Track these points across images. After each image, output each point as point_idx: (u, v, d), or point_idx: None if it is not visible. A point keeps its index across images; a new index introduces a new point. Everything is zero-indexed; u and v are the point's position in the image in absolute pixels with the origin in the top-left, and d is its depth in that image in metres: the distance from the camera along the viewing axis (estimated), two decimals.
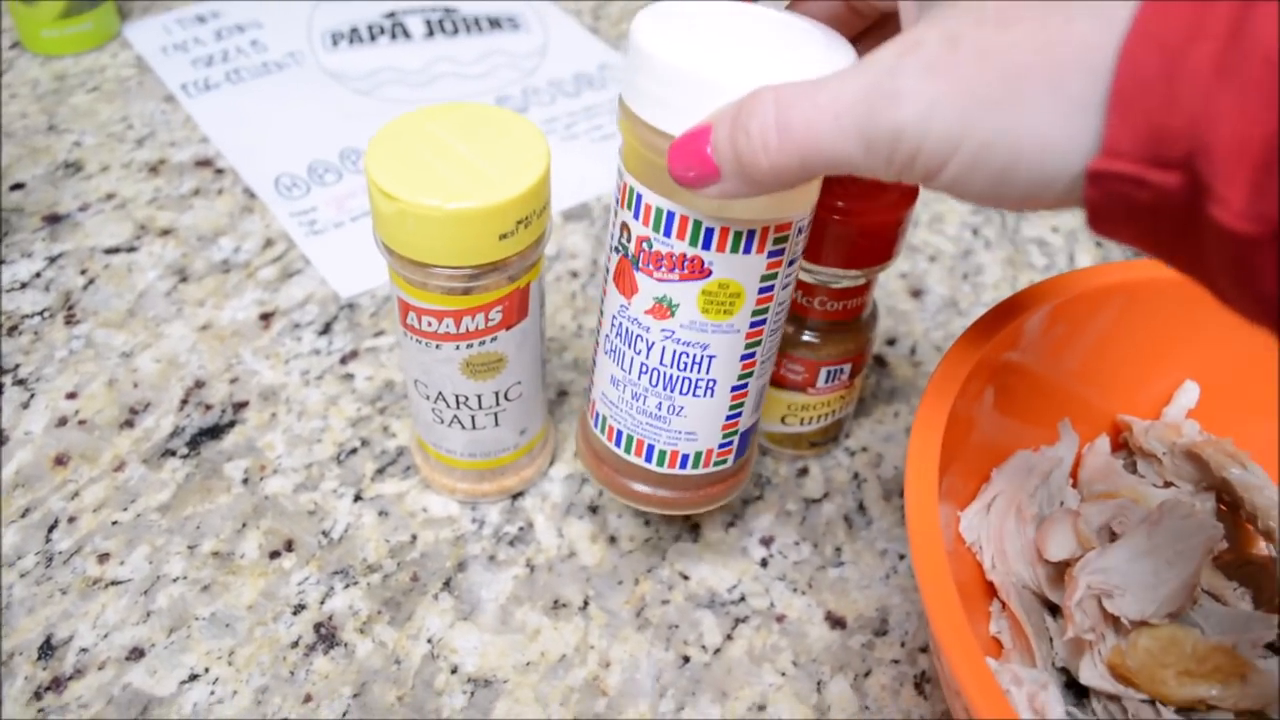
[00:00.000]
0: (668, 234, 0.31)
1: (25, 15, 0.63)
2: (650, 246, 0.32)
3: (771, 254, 0.32)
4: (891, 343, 0.52)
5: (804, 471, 0.46)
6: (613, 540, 0.42)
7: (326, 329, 0.50)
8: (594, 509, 0.43)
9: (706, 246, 0.31)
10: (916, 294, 0.54)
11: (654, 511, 0.38)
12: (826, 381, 0.42)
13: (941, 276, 0.56)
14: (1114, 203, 0.22)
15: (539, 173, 0.33)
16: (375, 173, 0.32)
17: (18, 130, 0.60)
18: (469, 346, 0.36)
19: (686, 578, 0.41)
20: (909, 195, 0.38)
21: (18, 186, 0.56)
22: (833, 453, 0.46)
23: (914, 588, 0.41)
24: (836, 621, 0.40)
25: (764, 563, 0.42)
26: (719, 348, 0.33)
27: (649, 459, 0.36)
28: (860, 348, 0.42)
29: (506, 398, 0.39)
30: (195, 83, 0.64)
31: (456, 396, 0.38)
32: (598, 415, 0.37)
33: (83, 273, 0.52)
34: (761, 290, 0.32)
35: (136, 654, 0.38)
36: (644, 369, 0.34)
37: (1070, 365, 0.40)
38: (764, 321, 0.33)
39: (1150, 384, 0.42)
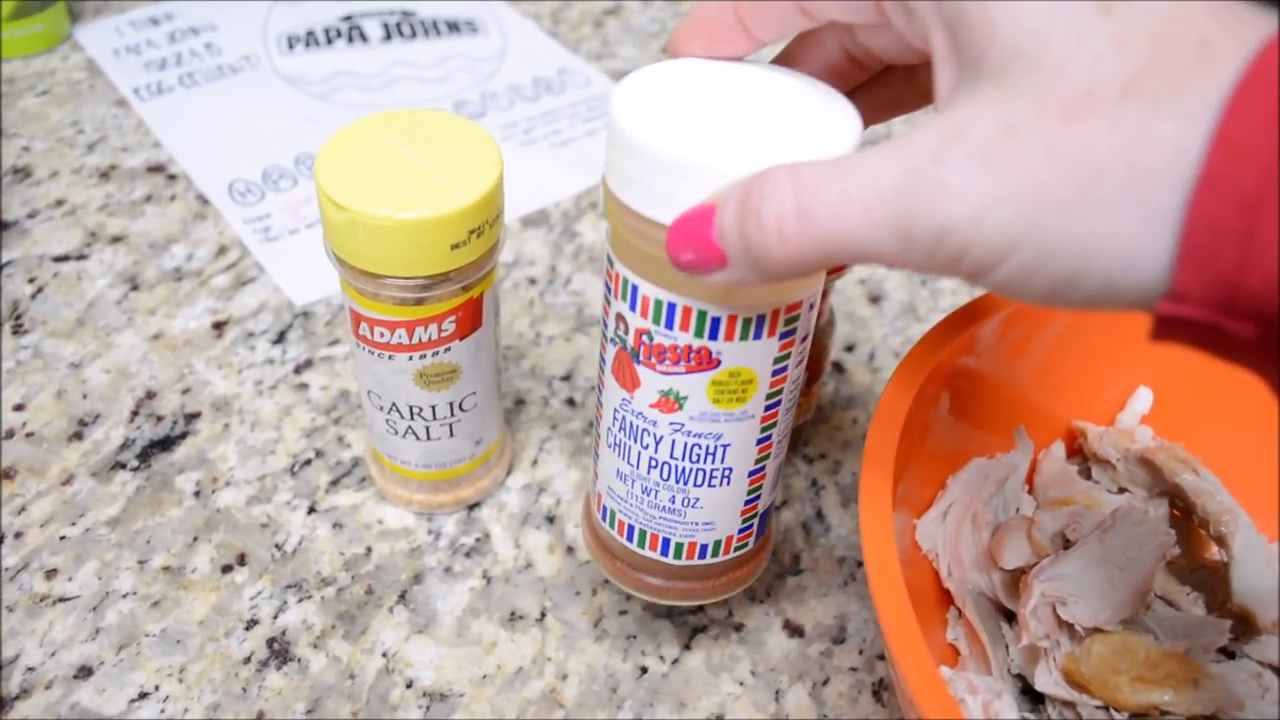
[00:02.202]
0: (669, 326, 0.29)
1: None
2: (651, 339, 0.29)
3: (784, 335, 0.30)
4: (850, 349, 0.52)
5: None
6: (570, 550, 0.42)
7: (281, 338, 0.49)
8: (551, 519, 0.43)
9: (714, 337, 0.29)
10: (875, 300, 0.55)
11: (676, 604, 0.36)
12: None
13: (900, 282, 0.56)
14: (1181, 336, 0.20)
15: (491, 181, 0.33)
16: (325, 181, 0.32)
17: None
18: (422, 357, 0.36)
19: None
20: None
21: None
22: (791, 460, 0.46)
23: (872, 594, 0.41)
24: (795, 630, 0.40)
25: None
26: (733, 436, 0.31)
27: (665, 553, 0.34)
28: (817, 355, 0.42)
29: (461, 408, 0.39)
30: (148, 86, 0.63)
31: (410, 407, 0.38)
32: (605, 509, 0.35)
33: (31, 281, 0.51)
34: (775, 373, 0.30)
35: (85, 672, 0.37)
36: (653, 463, 0.32)
37: (1026, 372, 0.40)
38: (779, 403, 0.31)
39: (1105, 390, 0.42)
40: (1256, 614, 0.36)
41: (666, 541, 0.34)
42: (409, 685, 0.38)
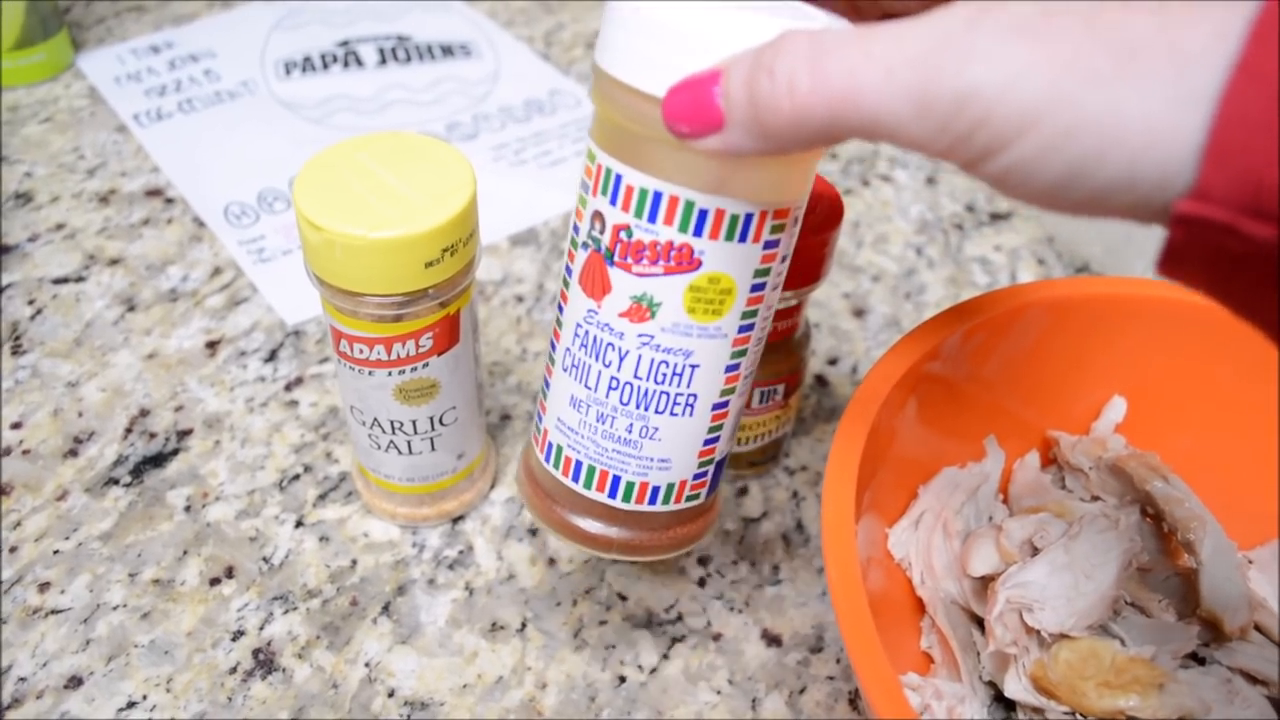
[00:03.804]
0: (653, 219, 0.27)
1: None
2: (630, 235, 0.28)
3: (767, 244, 0.29)
4: (833, 362, 0.53)
5: (743, 491, 0.46)
6: (552, 562, 0.43)
7: (272, 356, 0.50)
8: (534, 531, 0.44)
9: (698, 233, 0.27)
10: (859, 313, 0.55)
11: (615, 558, 0.35)
12: (761, 402, 0.43)
13: (884, 296, 0.56)
14: (1196, 247, 0.20)
15: (464, 200, 0.34)
16: (303, 203, 0.33)
17: None
18: (401, 373, 0.37)
19: (624, 598, 0.42)
20: (834, 216, 0.38)
21: None
22: (772, 472, 0.47)
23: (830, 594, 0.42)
24: (773, 639, 0.41)
25: (701, 582, 0.43)
26: (703, 355, 0.30)
27: (613, 493, 0.32)
28: (793, 368, 0.43)
29: (442, 422, 0.39)
30: (148, 112, 0.64)
31: (391, 422, 0.39)
32: (550, 446, 0.33)
33: (30, 303, 0.52)
34: (754, 288, 0.29)
35: (75, 682, 0.38)
36: (614, 384, 0.30)
37: (1000, 381, 0.40)
38: (752, 327, 0.30)
39: (1080, 399, 0.43)
40: (1224, 620, 0.37)
41: (616, 480, 0.32)
42: (391, 694, 0.38)
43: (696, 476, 0.33)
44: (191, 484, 0.45)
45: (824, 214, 0.38)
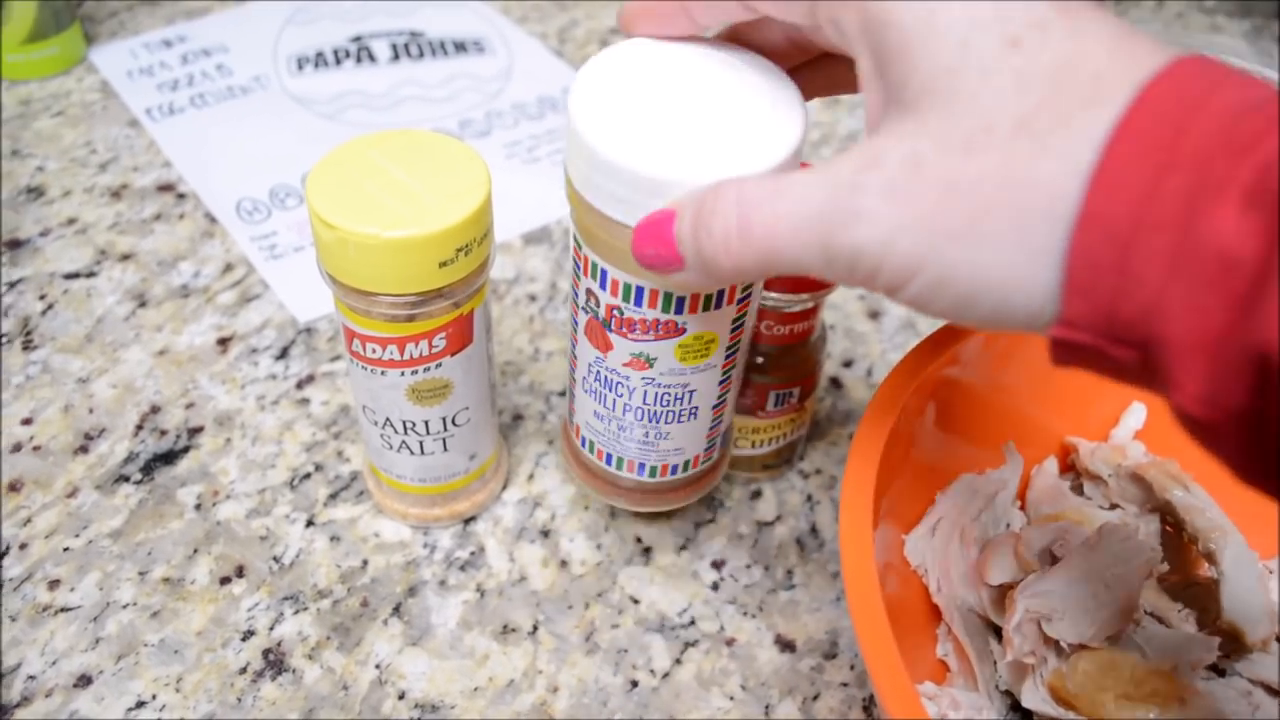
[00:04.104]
0: (639, 304, 0.32)
1: None
2: (622, 314, 0.33)
3: (740, 301, 0.33)
4: (848, 364, 0.52)
5: (757, 494, 0.46)
6: (564, 564, 0.42)
7: (284, 354, 0.50)
8: (545, 533, 0.43)
9: (679, 312, 0.32)
10: (874, 316, 0.55)
11: (651, 510, 0.40)
12: (776, 405, 0.42)
13: None
14: (1076, 358, 0.22)
15: (479, 200, 0.33)
16: (315, 201, 0.33)
17: None
18: (414, 373, 0.37)
19: (637, 601, 0.41)
20: None
21: None
22: (786, 475, 0.47)
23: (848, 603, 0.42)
24: (786, 645, 0.41)
25: (715, 586, 0.42)
26: (699, 383, 0.35)
27: (641, 474, 0.39)
28: (809, 370, 0.42)
29: (454, 423, 0.39)
30: (160, 107, 0.64)
31: (404, 422, 0.39)
32: (584, 439, 0.39)
33: (41, 298, 0.52)
34: (733, 330, 0.34)
35: (84, 681, 0.38)
36: (627, 409, 0.36)
37: (1019, 386, 0.40)
38: (737, 350, 0.35)
39: (1099, 406, 0.43)
40: (1245, 631, 0.36)
41: (642, 466, 0.38)
42: (401, 696, 0.38)
43: (706, 449, 0.39)
44: (202, 482, 0.44)
45: None
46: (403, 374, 0.37)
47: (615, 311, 0.33)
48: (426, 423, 0.39)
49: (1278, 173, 0.19)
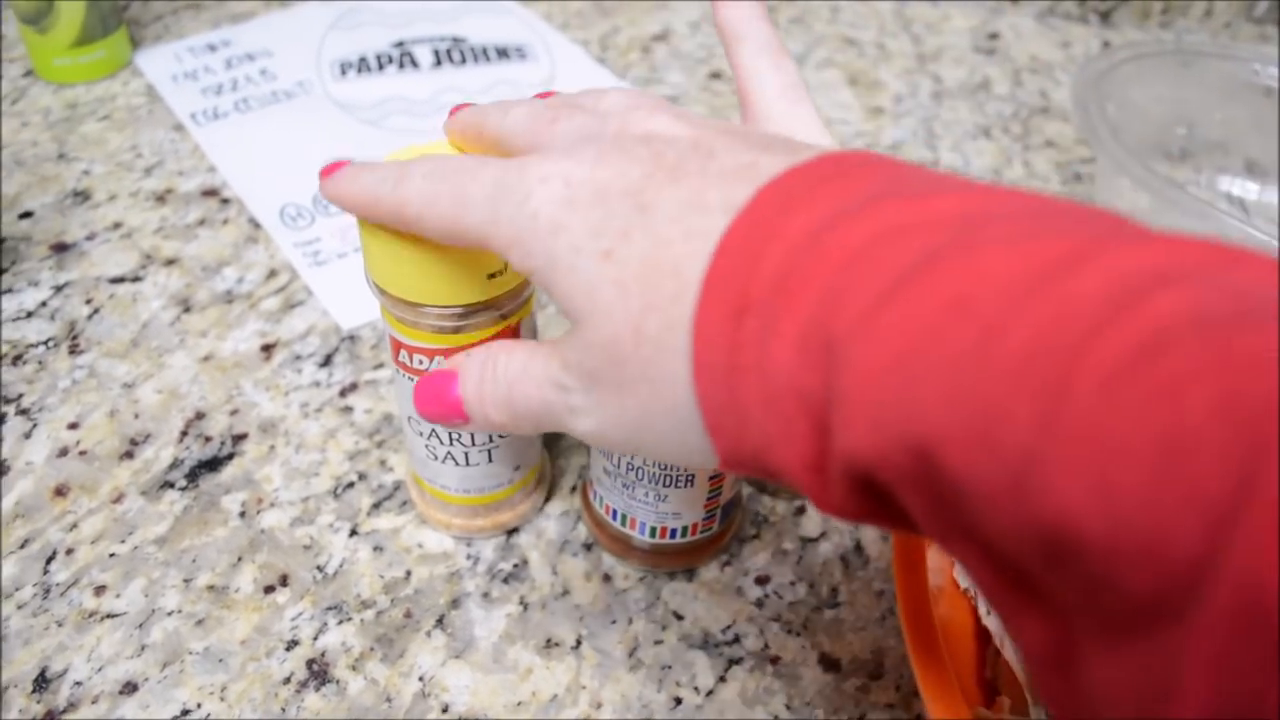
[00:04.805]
0: None
1: (38, 44, 0.64)
2: None
3: None
4: None
5: (801, 510, 0.45)
6: (607, 578, 0.42)
7: (327, 361, 0.50)
8: (589, 546, 0.43)
9: None
10: None
11: (652, 569, 0.43)
12: None
13: None
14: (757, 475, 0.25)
15: None
16: None
17: (28, 158, 0.60)
18: None
19: (681, 617, 0.41)
20: None
21: (26, 215, 0.57)
22: None
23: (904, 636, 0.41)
24: (831, 664, 0.40)
25: (759, 603, 0.42)
26: None
27: (642, 532, 0.41)
28: None
29: (500, 435, 0.39)
30: (204, 111, 0.64)
31: (450, 433, 0.38)
32: (595, 493, 0.42)
33: (88, 302, 0.52)
34: None
35: (130, 688, 0.38)
36: (630, 466, 0.39)
37: None
38: None
39: None
40: None
41: (643, 524, 0.41)
42: (445, 710, 0.38)
43: (705, 519, 0.41)
44: (246, 489, 0.45)
45: None
46: None
47: None
48: (472, 434, 0.39)
49: (818, 302, 0.21)
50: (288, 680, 0.38)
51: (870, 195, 0.22)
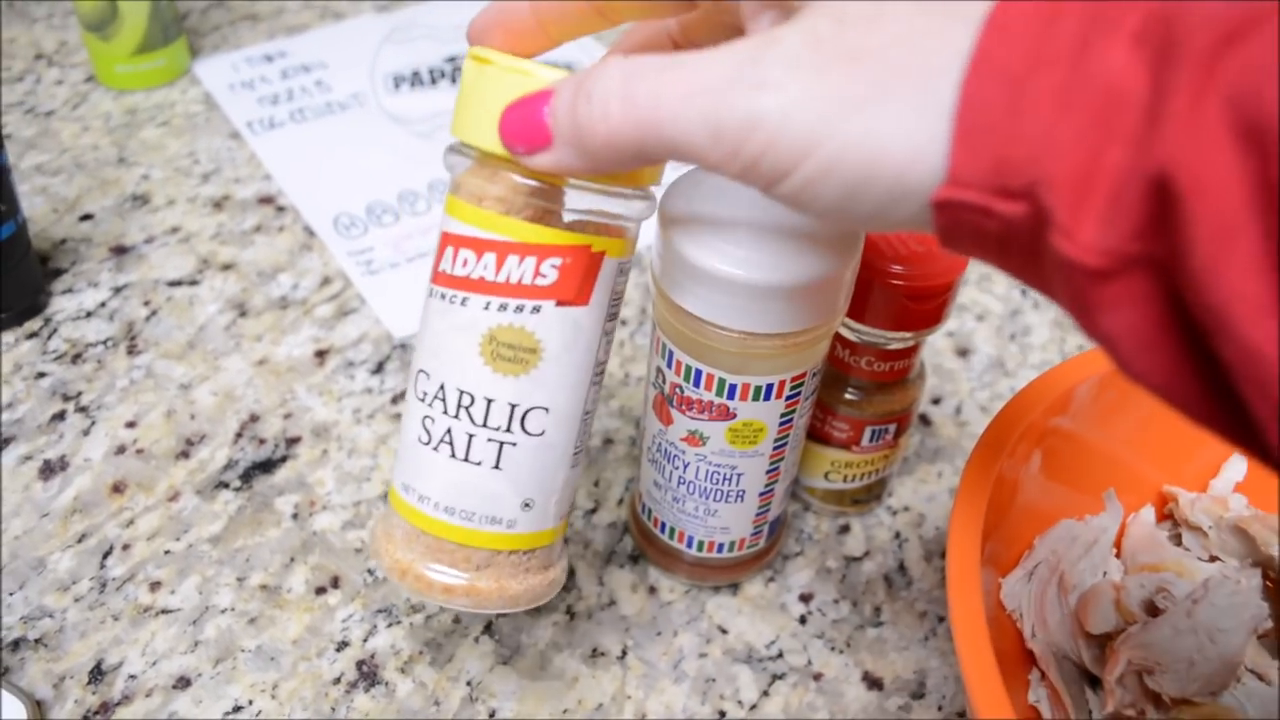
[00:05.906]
0: (697, 385, 0.35)
1: (101, 50, 0.65)
2: (682, 391, 0.36)
3: (789, 397, 0.36)
4: (936, 402, 0.52)
5: (845, 529, 0.46)
6: (653, 591, 0.43)
7: (379, 368, 0.51)
8: (635, 558, 0.44)
9: (731, 396, 0.35)
10: (963, 353, 0.55)
11: (695, 583, 0.43)
12: (871, 440, 0.42)
13: (989, 336, 0.56)
14: (962, 229, 0.21)
15: None
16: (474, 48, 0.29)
17: (89, 162, 0.62)
18: (502, 308, 0.30)
19: (725, 631, 0.42)
20: (962, 260, 0.38)
21: (87, 217, 0.58)
22: (875, 511, 0.46)
23: (953, 651, 0.41)
24: (874, 682, 0.40)
25: (803, 619, 0.42)
26: (746, 468, 0.38)
27: (689, 546, 0.41)
28: (906, 407, 0.42)
29: (522, 424, 0.31)
30: (260, 120, 0.65)
31: (460, 391, 0.31)
32: (644, 506, 0.42)
33: (146, 304, 0.53)
34: (782, 424, 0.37)
35: (183, 683, 0.39)
36: (681, 480, 0.39)
37: (1119, 434, 0.39)
38: (785, 444, 0.38)
39: (1198, 456, 0.42)
40: None
41: (691, 538, 0.41)
42: (492, 715, 0.38)
43: (753, 534, 0.41)
44: (299, 492, 0.45)
45: (951, 259, 0.38)
46: (487, 306, 0.30)
47: (677, 389, 0.36)
48: (489, 402, 0.31)
49: (1163, 15, 0.18)
50: (338, 680, 0.39)
51: None
